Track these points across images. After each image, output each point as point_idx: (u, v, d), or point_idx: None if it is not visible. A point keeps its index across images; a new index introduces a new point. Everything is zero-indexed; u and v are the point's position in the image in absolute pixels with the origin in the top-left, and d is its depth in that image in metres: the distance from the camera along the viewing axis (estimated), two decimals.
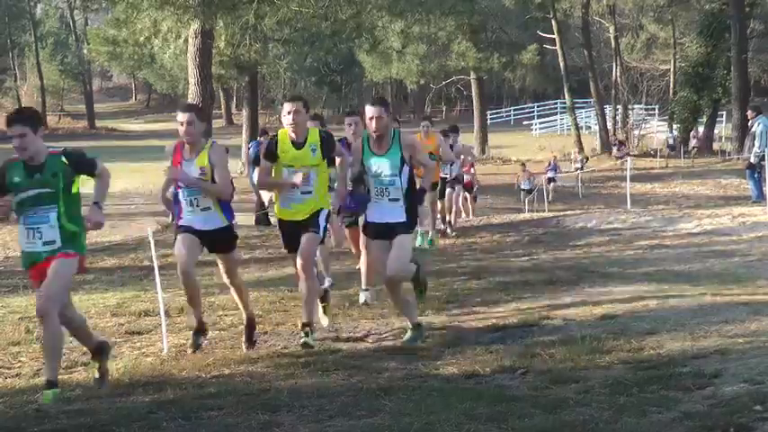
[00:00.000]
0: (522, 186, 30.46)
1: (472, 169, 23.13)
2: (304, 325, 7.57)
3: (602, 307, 8.41)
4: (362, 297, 9.33)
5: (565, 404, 5.44)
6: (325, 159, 7.84)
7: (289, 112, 7.59)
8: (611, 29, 48.89)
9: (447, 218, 16.74)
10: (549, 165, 33.94)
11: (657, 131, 46.67)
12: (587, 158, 39.84)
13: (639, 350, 6.62)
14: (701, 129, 44.02)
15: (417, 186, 7.88)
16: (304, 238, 7.61)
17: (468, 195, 21.56)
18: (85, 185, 6.53)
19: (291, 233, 7.76)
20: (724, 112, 44.80)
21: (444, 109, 71.83)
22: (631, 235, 14.67)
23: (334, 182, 8.53)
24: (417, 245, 12.35)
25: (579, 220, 17.12)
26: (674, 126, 44.77)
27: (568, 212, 20.15)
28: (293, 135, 7.65)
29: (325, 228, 7.88)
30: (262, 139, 18.86)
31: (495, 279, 10.64)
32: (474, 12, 41.91)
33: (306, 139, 7.69)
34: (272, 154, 7.71)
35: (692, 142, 42.82)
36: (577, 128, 46.15)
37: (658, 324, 7.40)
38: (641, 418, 5.10)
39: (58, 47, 72.96)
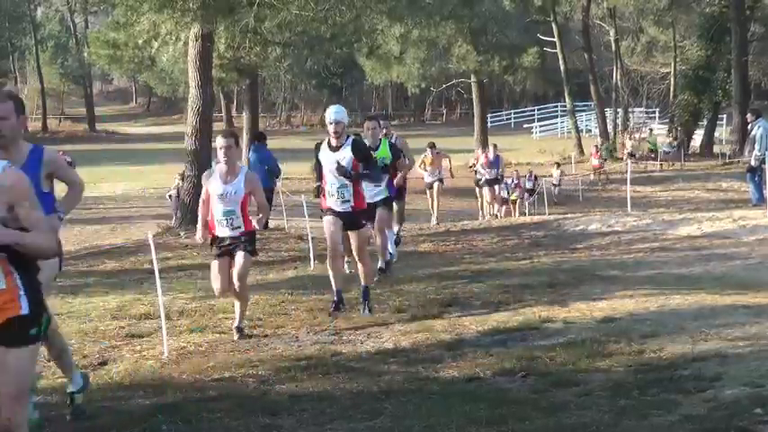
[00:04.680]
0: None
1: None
2: None
3: (602, 310, 8.41)
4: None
5: (565, 407, 5.45)
6: None
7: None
8: (612, 32, 48.87)
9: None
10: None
11: (657, 134, 46.70)
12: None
13: (640, 353, 6.62)
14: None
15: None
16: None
17: None
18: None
19: None
20: (725, 116, 44.77)
21: (445, 112, 71.90)
22: (632, 238, 14.67)
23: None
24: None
25: (580, 222, 17.12)
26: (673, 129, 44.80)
27: (569, 215, 20.16)
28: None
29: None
30: (256, 143, 18.91)
31: (495, 282, 10.64)
32: (474, 15, 41.93)
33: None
34: None
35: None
36: (578, 131, 46.14)
37: (659, 327, 7.40)
38: (642, 420, 5.10)
39: (58, 50, 72.96)
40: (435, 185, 19.89)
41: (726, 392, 5.43)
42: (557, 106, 59.10)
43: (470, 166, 23.98)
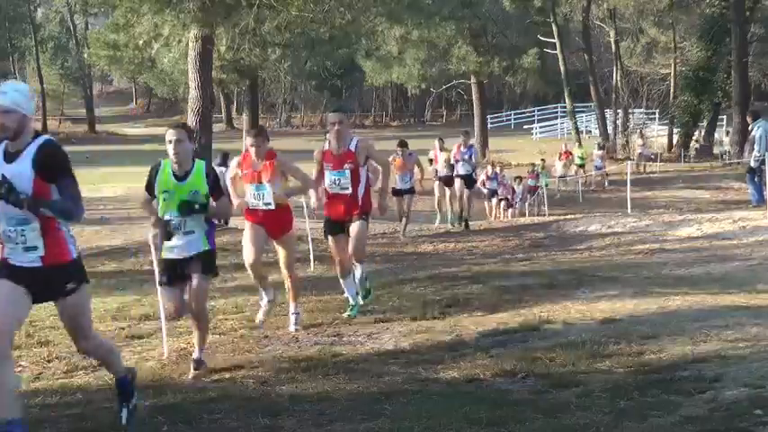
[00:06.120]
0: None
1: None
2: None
3: (602, 311, 8.41)
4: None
5: (565, 408, 5.44)
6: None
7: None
8: (612, 33, 48.91)
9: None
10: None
11: (658, 135, 46.75)
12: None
13: (640, 354, 6.62)
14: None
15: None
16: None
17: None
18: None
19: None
20: (725, 117, 44.83)
21: (445, 113, 71.90)
22: (632, 239, 14.67)
23: None
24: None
25: (580, 224, 17.13)
26: (676, 130, 44.86)
27: (569, 217, 20.17)
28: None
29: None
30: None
31: (495, 283, 10.64)
32: (474, 16, 42.00)
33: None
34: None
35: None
36: (578, 132, 46.17)
37: (659, 328, 7.40)
38: (642, 422, 5.10)
39: (58, 51, 72.95)
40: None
41: (726, 394, 5.43)
42: (557, 107, 59.11)
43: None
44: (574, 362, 6.55)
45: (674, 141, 45.18)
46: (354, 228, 8.84)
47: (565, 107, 49.63)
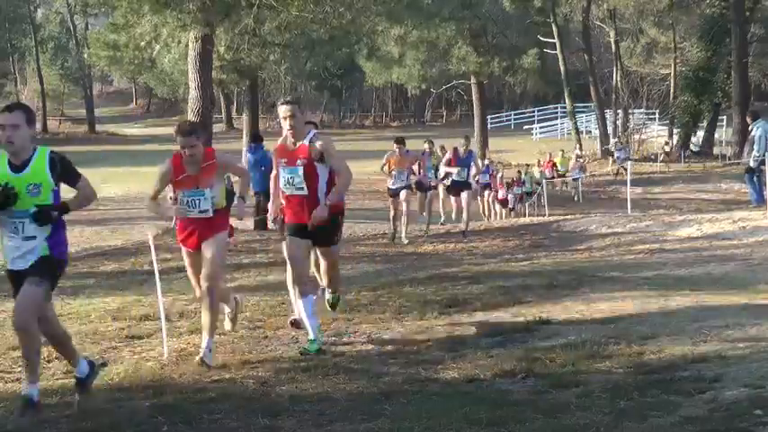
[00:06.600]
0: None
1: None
2: None
3: (602, 311, 8.40)
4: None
5: (565, 408, 5.44)
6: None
7: None
8: (612, 33, 48.93)
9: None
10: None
11: (658, 136, 46.73)
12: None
13: (640, 354, 6.62)
14: (700, 133, 44.15)
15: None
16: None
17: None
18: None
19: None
20: (725, 117, 44.84)
21: (445, 113, 71.93)
22: (632, 239, 14.67)
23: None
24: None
25: (580, 224, 17.14)
26: (675, 131, 44.85)
27: (569, 217, 20.17)
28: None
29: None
30: (253, 144, 18.96)
31: (495, 283, 10.63)
32: (474, 17, 42.02)
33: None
34: None
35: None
36: (578, 132, 46.18)
37: (659, 328, 7.40)
38: (642, 422, 5.09)
39: (58, 51, 73.01)
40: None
41: (726, 394, 5.43)
42: (557, 107, 59.12)
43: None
44: (574, 362, 6.55)
45: (674, 142, 45.18)
46: (325, 254, 7.93)
47: (565, 107, 49.65)
